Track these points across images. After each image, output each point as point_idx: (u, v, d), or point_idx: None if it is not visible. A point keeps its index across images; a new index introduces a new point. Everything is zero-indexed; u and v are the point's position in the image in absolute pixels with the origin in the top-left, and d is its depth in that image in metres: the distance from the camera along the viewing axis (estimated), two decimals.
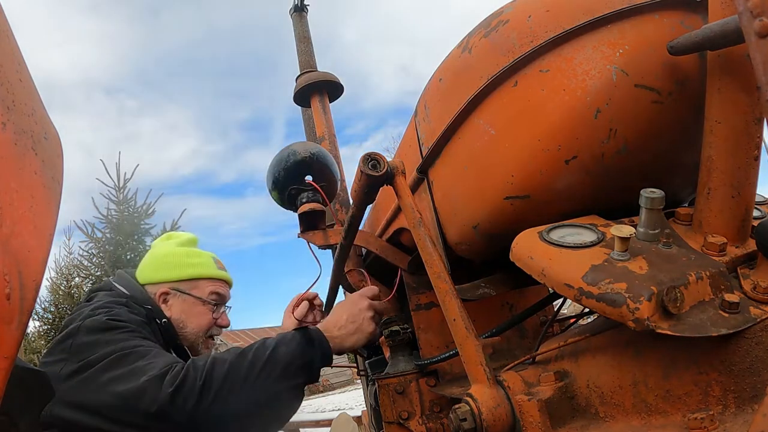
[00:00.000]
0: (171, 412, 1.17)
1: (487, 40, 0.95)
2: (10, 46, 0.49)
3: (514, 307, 1.39)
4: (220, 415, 1.21)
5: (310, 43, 2.28)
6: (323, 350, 1.33)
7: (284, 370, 1.27)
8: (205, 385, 1.21)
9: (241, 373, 1.24)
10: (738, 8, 0.53)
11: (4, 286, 0.41)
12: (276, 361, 1.27)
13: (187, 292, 1.67)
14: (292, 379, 1.28)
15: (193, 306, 1.67)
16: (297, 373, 1.28)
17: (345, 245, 1.23)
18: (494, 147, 0.94)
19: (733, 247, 0.82)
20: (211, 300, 1.69)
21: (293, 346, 1.30)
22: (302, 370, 1.29)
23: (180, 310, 1.65)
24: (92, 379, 1.23)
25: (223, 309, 1.75)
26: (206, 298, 1.68)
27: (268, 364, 1.26)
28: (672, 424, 0.71)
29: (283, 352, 1.29)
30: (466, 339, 0.90)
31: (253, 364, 1.26)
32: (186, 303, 1.66)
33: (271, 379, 1.26)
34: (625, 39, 0.85)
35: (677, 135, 0.89)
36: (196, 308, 1.67)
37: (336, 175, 1.52)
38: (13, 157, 0.45)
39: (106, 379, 1.22)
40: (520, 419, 0.83)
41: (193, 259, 1.73)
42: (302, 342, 1.31)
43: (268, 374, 1.25)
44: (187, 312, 1.65)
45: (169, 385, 1.18)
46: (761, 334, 0.67)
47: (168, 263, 1.70)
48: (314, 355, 1.31)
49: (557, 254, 0.79)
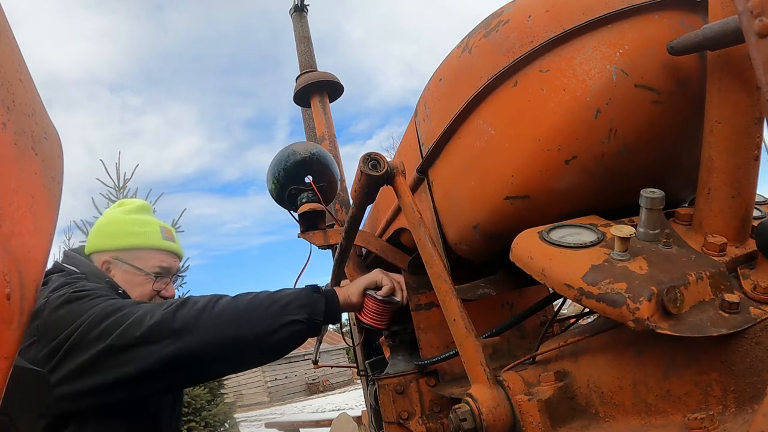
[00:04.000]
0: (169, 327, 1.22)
1: (487, 40, 0.95)
2: (10, 46, 0.49)
3: (514, 307, 1.39)
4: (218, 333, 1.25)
5: (310, 43, 2.28)
6: (328, 296, 1.36)
7: (285, 305, 1.30)
8: (207, 306, 1.26)
9: (241, 302, 1.29)
10: (738, 8, 0.53)
11: (4, 286, 0.41)
12: (278, 297, 1.32)
13: (128, 262, 1.62)
14: (292, 314, 1.30)
15: (135, 276, 1.62)
16: (298, 309, 1.31)
17: (345, 245, 1.23)
18: (494, 147, 0.94)
19: (733, 247, 0.82)
20: (154, 272, 1.64)
21: (298, 290, 1.35)
22: (303, 308, 1.32)
23: (122, 279, 1.61)
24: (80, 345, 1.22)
25: (168, 280, 1.70)
26: (148, 270, 1.63)
27: (270, 299, 1.31)
28: (672, 424, 0.71)
29: (287, 292, 1.34)
30: (466, 339, 0.90)
31: (256, 296, 1.32)
32: (128, 273, 1.62)
33: (272, 311, 1.29)
34: (625, 39, 0.85)
35: (677, 135, 0.89)
36: (138, 278, 1.62)
37: (336, 175, 1.53)
38: (13, 158, 0.45)
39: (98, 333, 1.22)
40: (520, 419, 0.83)
41: (138, 228, 1.68)
42: (308, 288, 1.37)
43: (269, 305, 1.30)
44: (129, 282, 1.61)
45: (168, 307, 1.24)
46: (761, 334, 0.67)
47: (111, 231, 1.66)
48: (318, 297, 1.34)
49: (557, 254, 0.79)
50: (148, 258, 1.65)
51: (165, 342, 1.21)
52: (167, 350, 1.21)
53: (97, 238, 1.67)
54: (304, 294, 1.34)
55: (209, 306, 1.28)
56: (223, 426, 9.13)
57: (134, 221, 1.69)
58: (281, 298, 1.32)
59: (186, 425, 7.91)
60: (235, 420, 10.30)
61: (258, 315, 1.29)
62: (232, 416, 9.87)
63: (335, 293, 1.38)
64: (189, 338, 1.23)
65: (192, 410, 8.11)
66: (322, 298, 1.35)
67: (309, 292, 1.35)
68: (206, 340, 1.25)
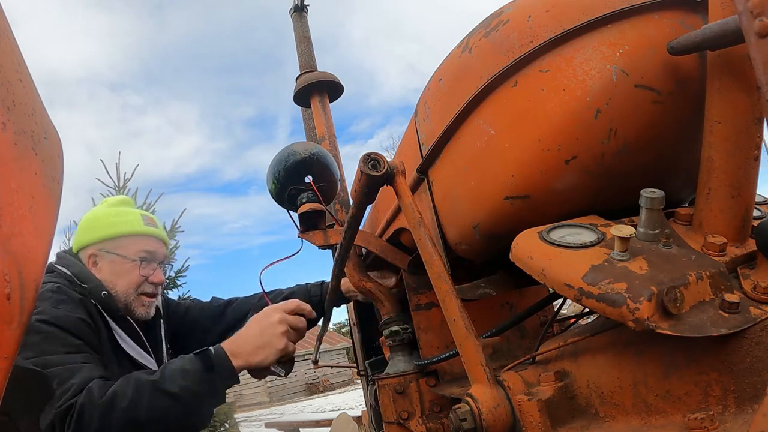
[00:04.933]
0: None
1: (487, 40, 0.95)
2: (10, 46, 0.49)
3: (514, 307, 1.39)
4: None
5: (310, 43, 2.28)
6: (225, 373, 1.32)
7: (187, 404, 1.27)
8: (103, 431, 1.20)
9: (140, 419, 1.23)
10: (738, 8, 0.53)
11: (4, 286, 0.41)
12: (178, 401, 1.26)
13: (112, 252, 1.64)
14: (196, 408, 1.29)
15: (121, 265, 1.64)
16: (200, 401, 1.29)
17: (345, 245, 1.23)
18: (494, 147, 0.94)
19: (733, 247, 0.82)
20: (139, 257, 1.65)
21: (191, 377, 1.28)
22: (206, 398, 1.30)
23: (108, 271, 1.63)
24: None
25: (156, 266, 1.70)
26: (132, 256, 1.64)
27: (169, 406, 1.25)
28: (672, 424, 0.71)
29: (181, 386, 1.27)
30: (466, 339, 0.90)
31: (152, 404, 1.24)
32: (114, 263, 1.64)
33: (173, 420, 1.26)
34: (625, 39, 0.85)
35: (677, 135, 0.89)
36: (123, 267, 1.64)
37: (336, 175, 1.52)
38: (13, 158, 0.45)
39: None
40: (520, 419, 0.83)
41: (118, 218, 1.69)
42: (200, 369, 1.30)
43: (169, 416, 1.26)
44: (116, 272, 1.63)
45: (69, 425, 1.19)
46: (761, 334, 0.67)
47: (93, 225, 1.68)
48: (217, 381, 1.31)
49: (557, 254, 0.79)
50: (130, 244, 1.66)
51: None
52: None
53: (81, 234, 1.69)
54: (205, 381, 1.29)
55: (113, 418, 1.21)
56: (223, 426, 9.12)
57: (114, 213, 1.72)
58: (181, 398, 1.25)
59: None
60: (235, 420, 10.30)
61: (163, 425, 1.25)
62: (232, 416, 9.87)
63: (230, 369, 1.32)
64: None
65: None
66: (223, 379, 1.31)
67: (210, 376, 1.29)
68: None
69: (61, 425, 1.20)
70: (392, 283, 1.52)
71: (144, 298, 1.68)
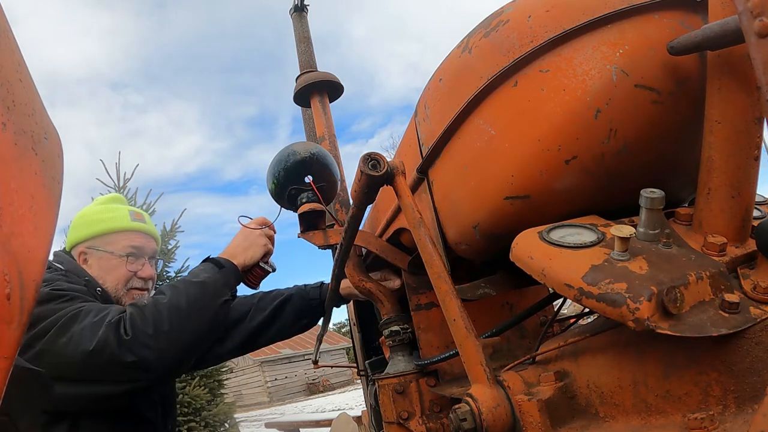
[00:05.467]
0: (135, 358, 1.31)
1: (487, 40, 0.95)
2: (10, 46, 0.49)
3: (514, 307, 1.39)
4: (177, 342, 1.40)
5: (310, 43, 2.28)
6: (232, 268, 1.62)
7: (214, 293, 1.52)
8: (156, 322, 1.37)
9: (182, 306, 1.44)
10: (738, 8, 0.53)
11: (4, 286, 0.41)
12: (205, 287, 1.52)
13: (101, 248, 1.68)
14: (219, 297, 1.54)
15: (108, 261, 1.68)
16: (221, 291, 1.55)
17: (345, 245, 1.23)
18: (494, 147, 0.94)
19: (733, 247, 0.82)
20: (126, 252, 1.69)
21: (211, 272, 1.57)
22: (225, 287, 1.57)
23: (98, 267, 1.67)
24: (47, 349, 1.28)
25: (144, 260, 1.75)
26: (119, 252, 1.68)
27: (201, 288, 1.51)
28: (672, 424, 0.71)
29: (207, 278, 1.54)
30: (466, 339, 0.90)
31: (186, 288, 1.49)
32: (102, 259, 1.67)
33: (207, 302, 1.50)
34: (625, 39, 0.85)
35: (677, 135, 0.89)
36: (111, 262, 1.68)
37: (336, 175, 1.53)
38: (13, 158, 0.45)
39: (62, 343, 1.29)
40: (520, 419, 0.83)
41: (106, 215, 1.74)
42: (214, 268, 1.59)
43: (203, 299, 1.49)
44: (104, 268, 1.67)
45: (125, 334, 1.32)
46: (761, 334, 0.67)
47: (82, 223, 1.72)
48: (228, 274, 1.60)
49: (557, 254, 0.79)
50: (118, 240, 1.71)
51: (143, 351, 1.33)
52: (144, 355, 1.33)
53: (72, 232, 1.73)
54: (220, 274, 1.57)
55: (161, 310, 1.41)
56: (223, 426, 9.13)
57: (103, 209, 1.76)
58: (208, 285, 1.53)
59: (186, 425, 7.91)
60: (235, 420, 10.31)
61: (200, 307, 1.48)
62: (232, 416, 9.88)
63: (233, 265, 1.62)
64: (162, 344, 1.36)
65: (192, 410, 8.11)
66: (232, 272, 1.60)
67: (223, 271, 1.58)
68: (176, 342, 1.39)
69: (116, 333, 1.32)
70: (396, 285, 1.53)
71: (135, 293, 1.70)
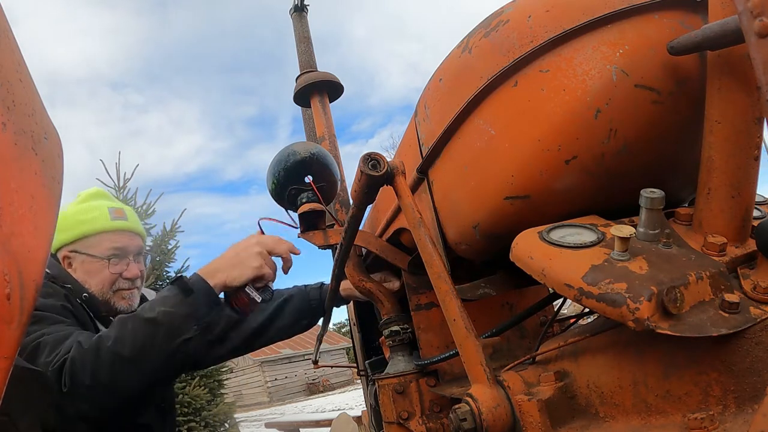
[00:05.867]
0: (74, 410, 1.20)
1: (487, 40, 0.95)
2: (10, 46, 0.49)
3: (514, 307, 1.39)
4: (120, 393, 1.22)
5: (310, 43, 2.28)
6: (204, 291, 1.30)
7: (167, 334, 1.24)
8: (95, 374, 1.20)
9: (125, 354, 1.21)
10: (738, 8, 0.53)
11: (4, 286, 0.41)
12: (157, 328, 1.24)
13: (83, 252, 1.61)
14: (176, 337, 1.25)
15: (91, 264, 1.61)
16: (180, 328, 1.26)
17: (345, 245, 1.23)
18: (494, 147, 0.94)
19: (733, 247, 0.82)
20: (108, 255, 1.62)
21: (172, 302, 1.27)
22: (187, 321, 1.26)
23: (82, 271, 1.60)
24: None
25: (129, 260, 1.66)
26: (101, 254, 1.61)
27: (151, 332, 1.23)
28: (672, 424, 0.71)
29: (161, 314, 1.25)
30: (466, 339, 0.90)
31: (134, 334, 1.23)
32: (85, 263, 1.61)
33: (158, 345, 1.23)
34: (625, 39, 0.85)
35: (677, 135, 0.89)
36: (93, 266, 1.61)
37: (336, 175, 1.52)
38: (13, 158, 0.45)
39: None
40: (520, 419, 0.83)
41: (85, 216, 1.65)
42: (178, 293, 1.29)
43: (153, 343, 1.23)
44: (88, 271, 1.60)
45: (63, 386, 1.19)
46: (761, 334, 0.67)
47: (63, 226, 1.64)
48: (196, 301, 1.28)
49: (557, 254, 0.79)
50: (99, 243, 1.63)
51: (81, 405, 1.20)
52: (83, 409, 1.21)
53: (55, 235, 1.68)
54: (183, 304, 1.26)
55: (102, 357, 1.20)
56: (223, 426, 9.13)
57: (82, 210, 1.68)
58: (161, 324, 1.23)
59: (186, 425, 7.91)
60: (235, 420, 10.30)
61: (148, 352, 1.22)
62: (232, 416, 9.87)
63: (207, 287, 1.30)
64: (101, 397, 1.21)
65: (192, 410, 8.11)
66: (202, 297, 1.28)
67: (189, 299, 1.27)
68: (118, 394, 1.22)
69: (59, 383, 1.19)
70: (396, 287, 1.53)
71: (123, 293, 1.65)
